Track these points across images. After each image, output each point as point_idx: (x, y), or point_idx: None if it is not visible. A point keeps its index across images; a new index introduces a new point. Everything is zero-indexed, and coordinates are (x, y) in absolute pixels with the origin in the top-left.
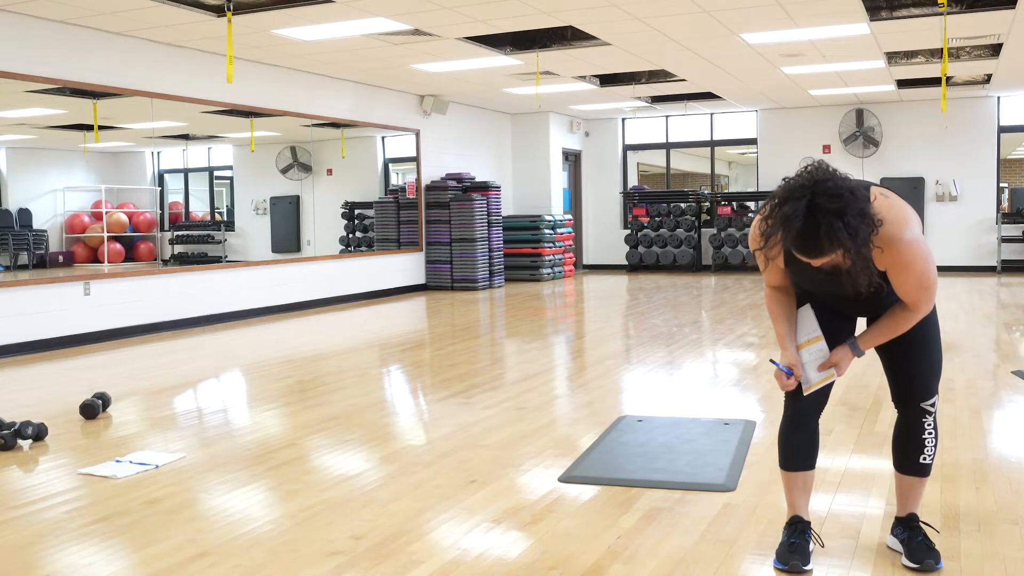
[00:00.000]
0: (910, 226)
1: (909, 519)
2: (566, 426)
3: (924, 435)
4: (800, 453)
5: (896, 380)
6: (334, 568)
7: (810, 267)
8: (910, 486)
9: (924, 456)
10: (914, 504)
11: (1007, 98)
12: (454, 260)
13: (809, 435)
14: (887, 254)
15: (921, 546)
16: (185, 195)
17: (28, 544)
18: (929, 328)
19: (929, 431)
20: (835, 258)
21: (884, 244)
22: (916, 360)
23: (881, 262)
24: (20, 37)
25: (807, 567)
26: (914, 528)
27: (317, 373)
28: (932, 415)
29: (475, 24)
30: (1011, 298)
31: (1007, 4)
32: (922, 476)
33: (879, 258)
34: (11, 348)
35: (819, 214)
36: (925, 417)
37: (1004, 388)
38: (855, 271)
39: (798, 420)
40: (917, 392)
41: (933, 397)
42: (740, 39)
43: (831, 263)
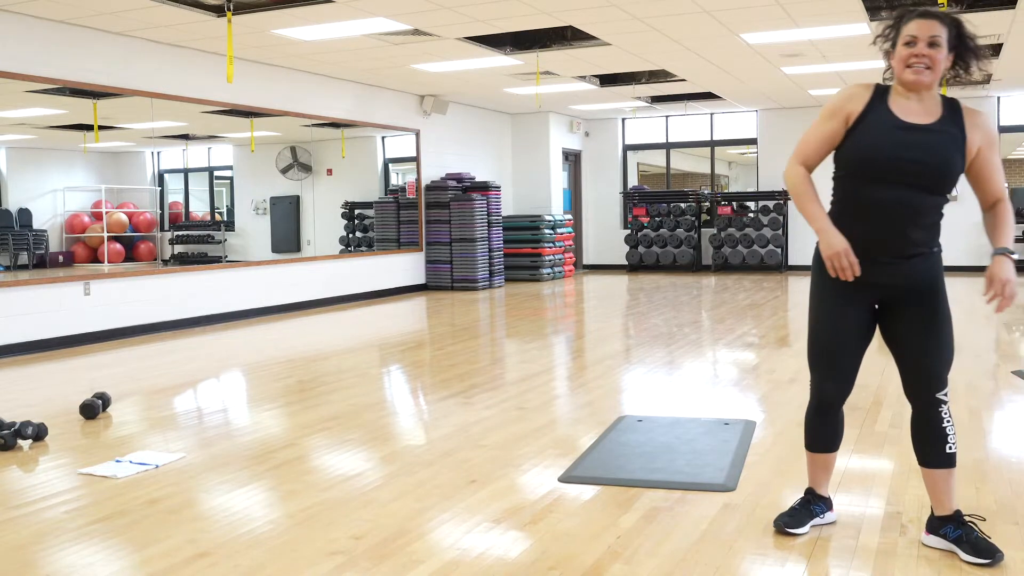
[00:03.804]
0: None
1: (957, 516)
2: (566, 426)
3: (944, 424)
4: (823, 437)
5: (912, 372)
6: (334, 568)
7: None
8: (943, 480)
9: (949, 446)
10: (952, 499)
11: (1007, 98)
12: (454, 260)
13: (833, 422)
14: (983, 129)
15: (983, 541)
16: (185, 195)
17: (28, 544)
18: (944, 318)
19: (948, 420)
20: (938, 37)
21: (981, 120)
22: (933, 350)
23: (979, 135)
24: (20, 37)
25: (792, 529)
26: (966, 524)
27: (317, 373)
28: (947, 404)
29: (475, 24)
30: None
31: (1007, 4)
32: (951, 467)
33: (977, 132)
34: (11, 348)
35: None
36: (941, 407)
37: (1004, 388)
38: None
39: (823, 409)
40: (934, 383)
41: (946, 387)
42: (740, 39)
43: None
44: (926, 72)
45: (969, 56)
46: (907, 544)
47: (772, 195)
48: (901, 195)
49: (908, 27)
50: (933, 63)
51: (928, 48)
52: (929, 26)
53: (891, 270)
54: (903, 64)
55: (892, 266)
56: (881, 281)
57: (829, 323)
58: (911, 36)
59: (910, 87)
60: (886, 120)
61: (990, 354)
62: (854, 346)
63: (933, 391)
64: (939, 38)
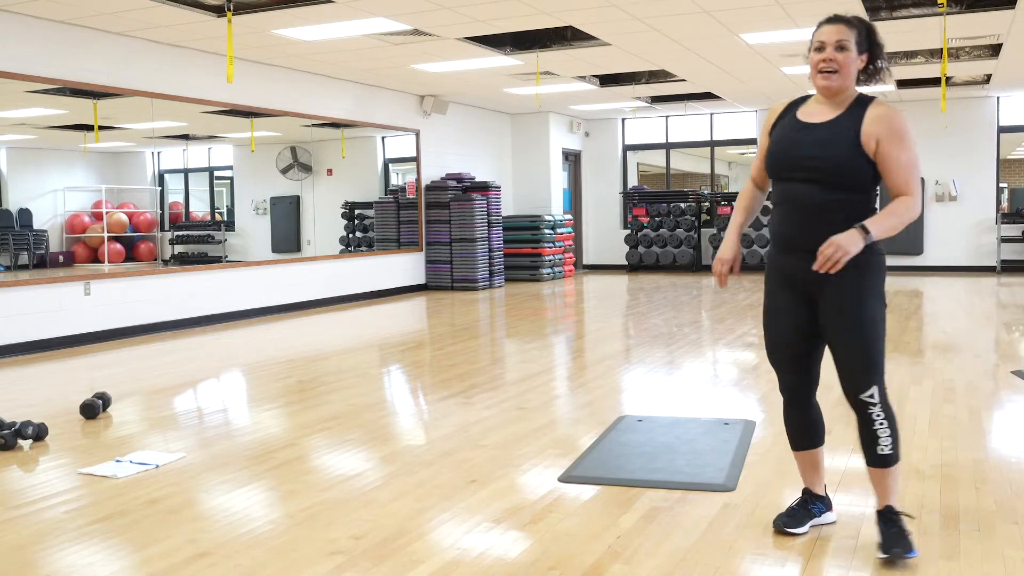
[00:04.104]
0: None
1: (885, 511)
2: (566, 426)
3: (874, 427)
4: (799, 434)
5: (839, 371)
6: (334, 568)
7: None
8: (878, 478)
9: (881, 447)
10: (886, 496)
11: (1007, 98)
12: (454, 260)
13: (805, 417)
14: (884, 122)
15: (891, 535)
16: (185, 195)
17: (28, 544)
18: (863, 321)
19: (880, 422)
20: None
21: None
22: (853, 352)
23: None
24: (21, 37)
25: (791, 529)
26: (889, 519)
27: (317, 373)
28: (876, 406)
29: (475, 24)
30: (1011, 298)
31: (1007, 4)
32: (885, 467)
33: (875, 124)
34: (11, 348)
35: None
36: (869, 409)
37: (1004, 388)
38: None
39: (791, 404)
40: (855, 385)
41: (871, 389)
42: (740, 39)
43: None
44: (834, 76)
45: (880, 57)
46: None
47: (772, 195)
48: (801, 191)
49: (818, 33)
50: (841, 67)
51: (836, 52)
52: (836, 30)
53: (807, 265)
54: (814, 70)
55: (801, 259)
56: (799, 276)
57: (770, 319)
58: (820, 41)
59: (821, 92)
60: (789, 124)
61: (990, 354)
62: (795, 340)
63: (856, 392)
64: (846, 41)
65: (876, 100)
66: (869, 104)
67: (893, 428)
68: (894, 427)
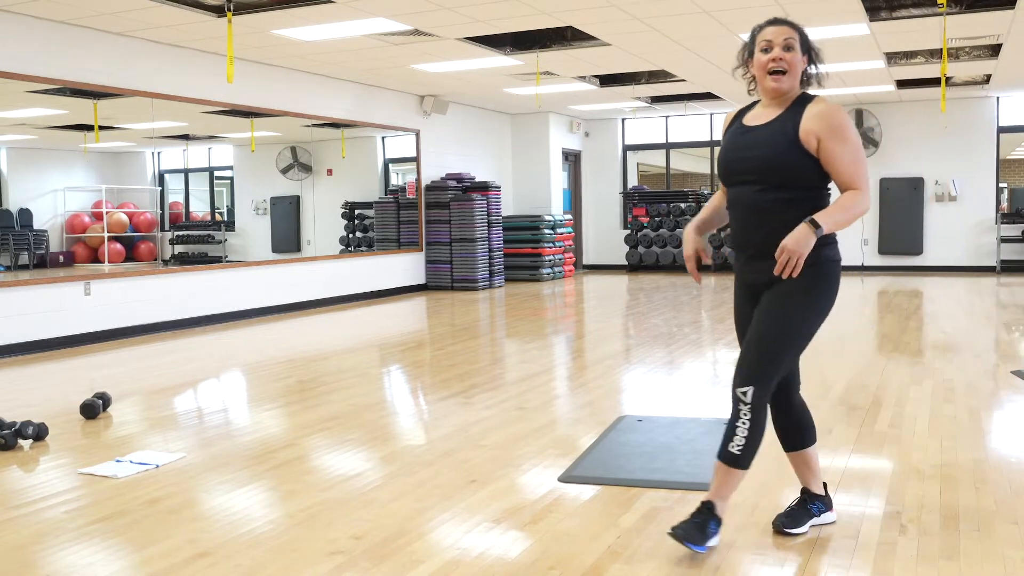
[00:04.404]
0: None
1: (706, 502)
2: (566, 426)
3: (736, 423)
4: (784, 434)
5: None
6: (334, 568)
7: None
8: (719, 472)
9: (734, 445)
10: (716, 492)
11: (1006, 98)
12: (454, 260)
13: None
14: (823, 119)
15: (691, 524)
16: (185, 195)
17: (28, 544)
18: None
19: (743, 422)
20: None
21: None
22: (746, 345)
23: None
24: (21, 37)
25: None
26: (702, 511)
27: (317, 373)
28: (747, 407)
29: (475, 24)
30: (1010, 298)
31: (1007, 4)
32: (729, 465)
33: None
34: (11, 348)
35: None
36: (739, 406)
37: (1004, 388)
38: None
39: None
40: (736, 376)
41: (747, 387)
42: (740, 39)
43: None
44: (784, 77)
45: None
46: (907, 544)
47: None
48: (744, 193)
49: (763, 34)
50: (790, 66)
51: (784, 52)
52: (782, 31)
53: (755, 266)
54: (763, 71)
55: (756, 263)
56: (750, 279)
57: (736, 322)
58: (766, 42)
59: (771, 94)
60: (734, 130)
61: (990, 354)
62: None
63: (735, 385)
64: (793, 40)
65: (817, 98)
66: (809, 102)
67: (752, 433)
68: (754, 435)
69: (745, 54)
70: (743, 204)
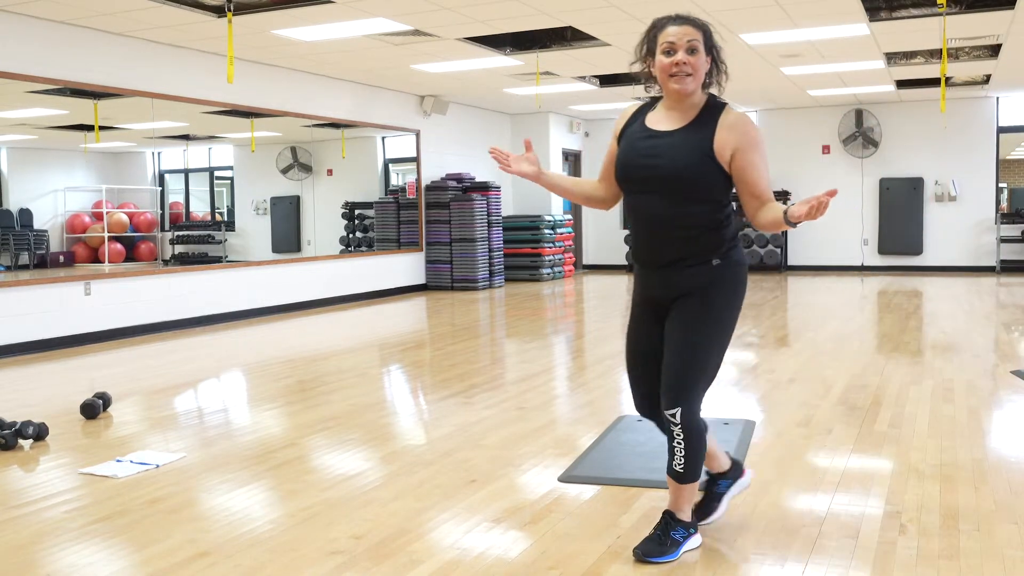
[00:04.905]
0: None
1: (666, 514)
2: (566, 426)
3: (673, 443)
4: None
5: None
6: (334, 568)
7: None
8: (671, 486)
9: (675, 464)
10: (673, 503)
11: (1006, 98)
12: (454, 260)
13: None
14: (738, 130)
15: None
16: (186, 195)
17: (28, 544)
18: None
19: (677, 441)
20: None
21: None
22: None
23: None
24: (21, 37)
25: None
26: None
27: (317, 373)
28: (677, 426)
29: (475, 24)
30: (1010, 298)
31: (1006, 4)
32: (677, 481)
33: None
34: (12, 348)
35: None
36: (671, 426)
37: (1003, 388)
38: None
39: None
40: (665, 399)
41: (674, 409)
42: (740, 40)
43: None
44: (688, 80)
45: (720, 60)
46: (907, 544)
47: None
48: (649, 203)
49: (665, 34)
50: (694, 69)
51: (688, 55)
52: (685, 32)
53: (660, 278)
54: (666, 74)
55: (661, 275)
56: (654, 291)
57: (628, 333)
58: (669, 43)
59: (674, 96)
60: (636, 132)
61: (990, 354)
62: (645, 355)
63: (664, 407)
64: (696, 43)
65: (727, 107)
66: (720, 112)
67: (691, 450)
68: (692, 449)
69: (643, 50)
70: (648, 216)
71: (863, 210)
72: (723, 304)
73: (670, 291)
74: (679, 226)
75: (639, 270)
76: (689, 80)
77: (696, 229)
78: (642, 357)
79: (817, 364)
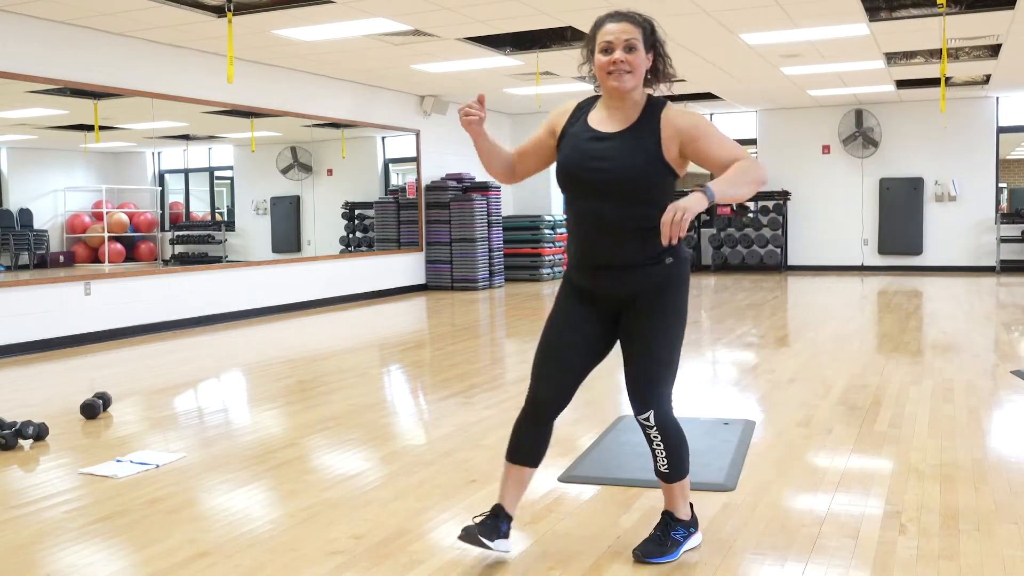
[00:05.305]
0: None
1: (664, 515)
2: (566, 426)
3: (652, 446)
4: (526, 448)
5: (627, 388)
6: (334, 568)
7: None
8: (663, 487)
9: (659, 465)
10: (669, 503)
11: (1006, 98)
12: (454, 260)
13: (541, 434)
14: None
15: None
16: (186, 195)
17: (28, 544)
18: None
19: (656, 443)
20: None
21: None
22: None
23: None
24: (21, 37)
25: (490, 543)
26: (662, 524)
27: (317, 373)
28: (652, 428)
29: (475, 24)
30: (1010, 298)
31: (1006, 4)
32: (666, 481)
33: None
34: (11, 348)
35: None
36: (646, 430)
37: (1003, 388)
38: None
39: (535, 417)
40: (632, 405)
41: (646, 413)
42: (740, 40)
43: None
44: (627, 77)
45: (663, 55)
46: (907, 544)
47: (772, 195)
48: (595, 206)
49: (603, 32)
50: (632, 67)
51: (626, 53)
52: (623, 29)
53: (609, 281)
54: (603, 72)
55: (609, 277)
56: (601, 292)
57: (555, 331)
58: (606, 42)
59: (612, 93)
60: (580, 133)
61: (990, 354)
62: (574, 356)
63: (635, 413)
64: (635, 40)
65: (667, 105)
66: (661, 110)
67: (672, 448)
68: (673, 447)
69: (587, 49)
70: (597, 220)
71: (863, 210)
72: (679, 301)
73: (622, 292)
74: (630, 229)
75: (586, 275)
76: (627, 78)
77: (647, 231)
78: (571, 357)
79: (817, 364)
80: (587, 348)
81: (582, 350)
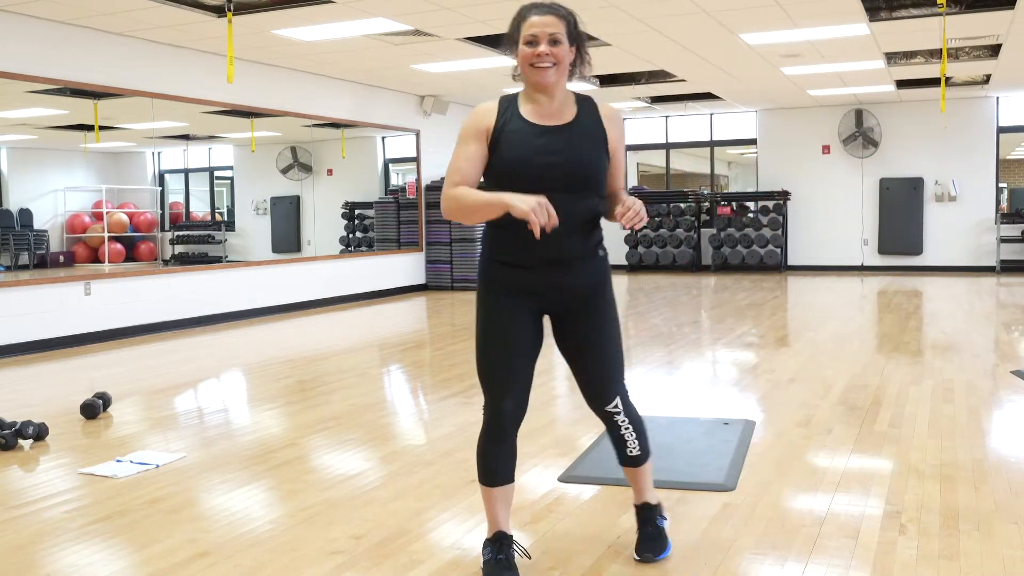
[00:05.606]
0: None
1: (642, 508)
2: (566, 426)
3: (621, 432)
4: (502, 467)
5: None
6: (334, 568)
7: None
8: (632, 476)
9: (629, 450)
10: (641, 493)
11: (1006, 98)
12: (454, 260)
13: (511, 447)
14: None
15: (646, 535)
16: (186, 195)
17: (28, 544)
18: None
19: (625, 427)
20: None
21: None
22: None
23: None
24: (21, 37)
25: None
26: (645, 518)
27: (317, 373)
28: (620, 414)
29: (475, 24)
30: (1010, 298)
31: (1006, 4)
32: (636, 466)
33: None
34: (11, 348)
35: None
36: (614, 418)
37: (1003, 388)
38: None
39: (502, 432)
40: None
41: (614, 400)
42: (740, 40)
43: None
44: (551, 71)
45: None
46: (907, 544)
47: (771, 195)
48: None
49: (527, 24)
50: (557, 60)
51: (550, 47)
52: (546, 23)
53: (550, 277)
54: (527, 64)
55: (550, 273)
56: (541, 289)
57: (499, 336)
58: (531, 35)
59: (538, 88)
60: (522, 128)
61: (990, 354)
62: (525, 361)
63: (602, 405)
64: (559, 34)
65: (599, 101)
66: (595, 105)
67: (638, 429)
68: (639, 427)
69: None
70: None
71: (863, 210)
72: (612, 291)
73: (575, 284)
74: (579, 221)
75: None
76: (552, 71)
77: (591, 223)
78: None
79: (817, 364)
80: (532, 350)
81: (530, 353)
